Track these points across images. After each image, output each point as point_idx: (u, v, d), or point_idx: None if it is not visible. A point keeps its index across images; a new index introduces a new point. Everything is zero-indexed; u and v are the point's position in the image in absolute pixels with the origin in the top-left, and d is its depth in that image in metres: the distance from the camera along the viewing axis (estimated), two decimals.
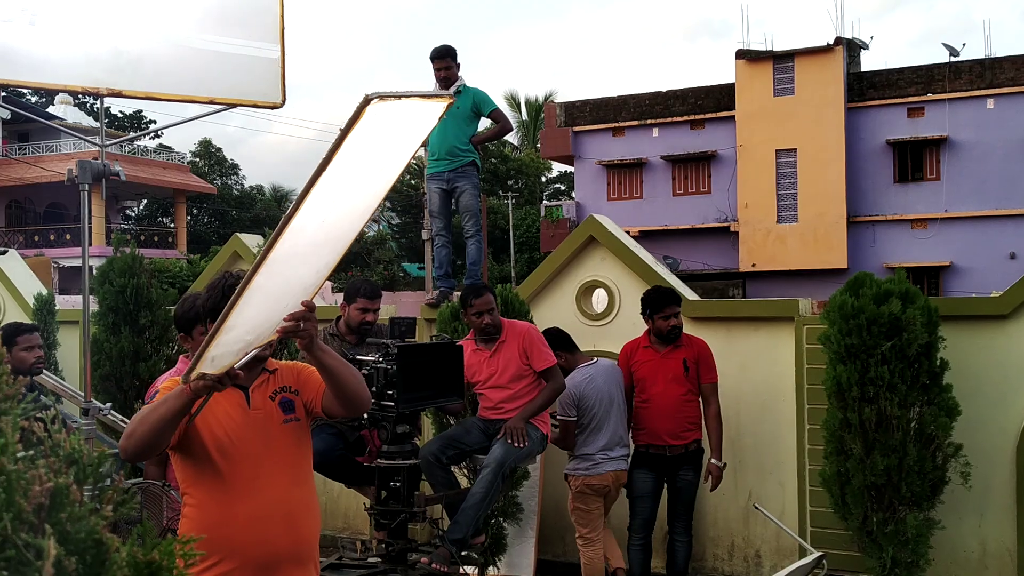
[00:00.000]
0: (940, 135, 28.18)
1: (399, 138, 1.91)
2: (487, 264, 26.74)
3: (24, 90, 38.56)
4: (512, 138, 45.13)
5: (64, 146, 37.64)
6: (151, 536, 0.77)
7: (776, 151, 29.49)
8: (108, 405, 4.32)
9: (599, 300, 6.86)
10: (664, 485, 5.67)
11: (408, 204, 42.91)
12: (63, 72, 3.85)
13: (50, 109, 39.22)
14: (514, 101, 45.32)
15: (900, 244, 28.52)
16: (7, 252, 9.41)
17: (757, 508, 5.59)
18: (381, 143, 1.84)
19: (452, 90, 6.90)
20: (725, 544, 6.33)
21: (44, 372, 4.99)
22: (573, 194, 37.02)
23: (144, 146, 43.12)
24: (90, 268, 4.07)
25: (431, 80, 7.01)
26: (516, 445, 4.94)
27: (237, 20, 4.17)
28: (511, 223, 37.45)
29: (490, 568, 6.02)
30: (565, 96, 57.03)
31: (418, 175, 39.12)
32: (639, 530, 5.63)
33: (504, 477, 5.05)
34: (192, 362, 2.09)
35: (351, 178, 1.85)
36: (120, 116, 48.04)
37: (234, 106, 4.18)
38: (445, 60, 6.87)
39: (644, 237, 27.68)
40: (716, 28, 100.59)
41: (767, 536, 6.17)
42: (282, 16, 4.25)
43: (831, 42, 29.06)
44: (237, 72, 4.11)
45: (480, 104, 6.94)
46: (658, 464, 5.59)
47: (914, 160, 28.97)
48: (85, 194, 3.76)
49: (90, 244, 4.19)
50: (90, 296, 4.20)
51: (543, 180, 47.07)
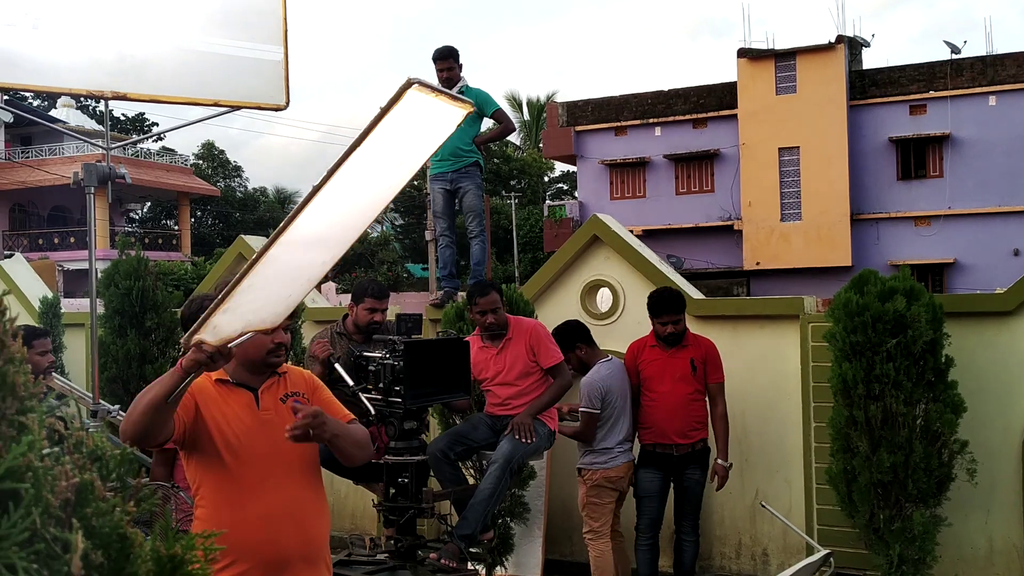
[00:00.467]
0: (943, 132, 28.15)
1: (421, 135, 1.92)
2: (491, 264, 26.76)
3: (27, 93, 38.67)
4: (514, 138, 45.15)
5: (67, 149, 37.71)
6: (172, 532, 0.79)
7: (779, 149, 29.47)
8: (116, 407, 4.33)
9: (603, 299, 6.86)
10: (671, 485, 5.67)
11: (411, 205, 42.94)
12: (67, 75, 3.86)
13: (52, 112, 39.27)
14: (516, 101, 45.34)
15: (904, 241, 28.51)
16: (12, 256, 9.44)
17: (764, 506, 5.59)
18: (406, 135, 1.85)
19: (455, 91, 6.91)
20: (732, 543, 6.33)
21: (54, 374, 5.01)
22: (576, 194, 37.03)
23: (147, 149, 43.19)
24: (96, 272, 4.08)
25: (433, 81, 7.01)
26: (524, 441, 4.94)
27: (240, 22, 4.18)
28: (514, 223, 37.46)
29: (497, 568, 6.02)
30: (567, 96, 57.10)
31: (421, 176, 39.14)
32: (646, 530, 5.63)
33: (512, 473, 5.06)
34: (194, 327, 2.08)
35: (375, 164, 1.85)
36: (123, 119, 48.14)
37: (238, 108, 4.19)
38: (447, 61, 6.88)
39: (647, 236, 27.67)
40: (718, 27, 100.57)
41: (774, 534, 6.17)
42: (285, 18, 4.26)
43: (833, 40, 29.04)
44: (241, 74, 4.12)
45: (482, 105, 6.94)
46: (665, 463, 5.59)
47: (917, 157, 28.94)
48: (90, 197, 3.77)
49: (95, 246, 4.20)
50: (95, 299, 4.21)
51: (546, 180, 47.09)
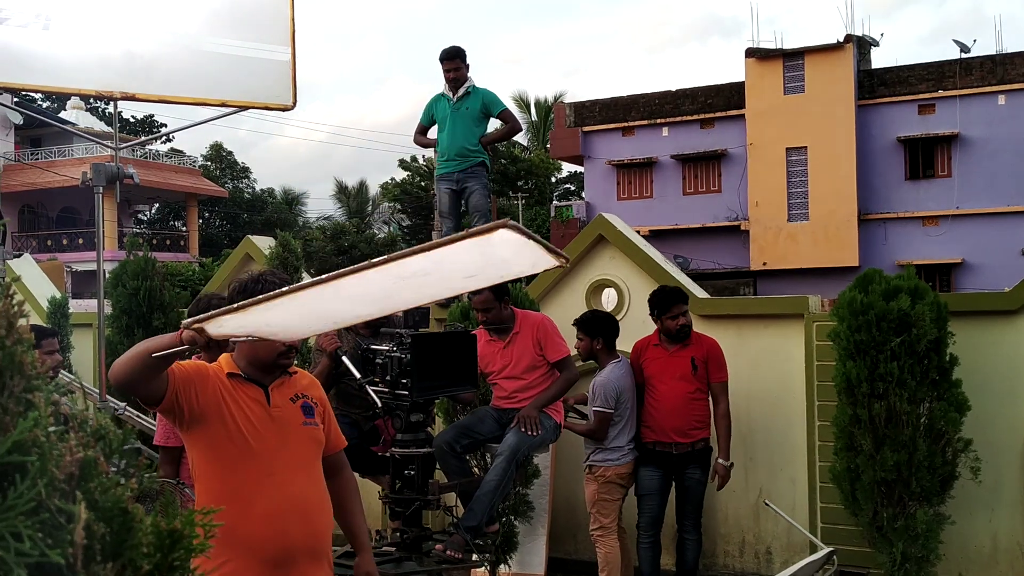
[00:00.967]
0: (951, 132, 28.08)
1: (499, 263, 1.92)
2: None
3: (37, 95, 38.85)
4: (522, 139, 45.14)
5: (76, 151, 37.85)
6: (173, 508, 0.82)
7: (786, 149, 29.43)
8: (123, 405, 4.37)
9: (609, 299, 6.88)
10: (671, 483, 5.69)
11: (418, 206, 43.01)
12: (76, 76, 3.90)
13: (62, 114, 39.43)
14: (524, 102, 45.31)
15: (912, 241, 28.43)
16: (21, 256, 9.50)
17: (767, 505, 5.61)
18: (483, 260, 1.86)
19: (461, 91, 6.95)
20: (736, 541, 6.35)
21: (62, 372, 5.05)
22: (583, 194, 37.02)
23: (156, 150, 43.33)
24: (104, 272, 4.12)
25: (441, 81, 7.05)
26: (530, 433, 4.97)
27: (248, 23, 4.22)
28: (521, 224, 37.44)
29: (501, 566, 6.05)
30: (574, 96, 57.04)
31: (428, 176, 39.20)
32: (648, 528, 5.65)
33: (518, 465, 5.07)
34: (201, 316, 2.04)
35: (439, 271, 1.86)
36: (132, 120, 48.29)
37: (246, 108, 4.23)
38: (454, 61, 6.92)
39: (654, 236, 27.68)
40: (726, 26, 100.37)
41: (778, 532, 6.19)
42: (292, 19, 4.30)
43: (841, 39, 28.99)
44: (248, 75, 4.16)
45: (489, 105, 6.98)
46: (665, 462, 5.60)
47: (925, 157, 28.87)
48: (99, 197, 3.81)
49: (104, 247, 4.24)
50: (103, 299, 4.25)
51: (553, 180, 47.05)
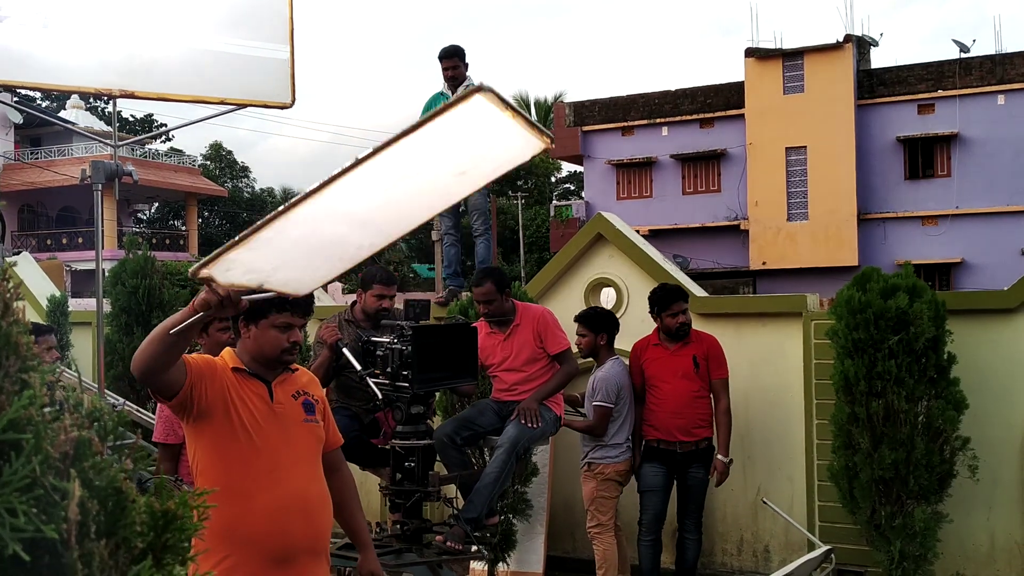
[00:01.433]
0: (951, 131, 28.09)
1: (486, 151, 1.86)
2: (496, 264, 26.79)
3: (36, 94, 38.84)
4: None
5: (76, 150, 37.86)
6: (167, 490, 0.83)
7: (786, 149, 29.45)
8: (122, 400, 4.38)
9: (608, 298, 6.89)
10: (674, 481, 5.68)
11: None
12: (75, 74, 3.91)
13: (62, 114, 39.44)
14: (524, 102, 45.34)
15: (911, 241, 28.45)
16: (20, 254, 9.51)
17: (766, 503, 5.62)
18: (468, 144, 1.81)
19: (460, 90, 6.95)
20: (734, 539, 6.36)
21: (60, 367, 5.05)
22: (583, 194, 37.05)
23: (155, 149, 43.34)
24: (103, 271, 4.13)
25: (440, 79, 7.06)
26: (530, 426, 4.97)
27: (247, 21, 4.23)
28: (521, 223, 37.50)
29: (500, 564, 6.06)
30: (574, 96, 57.10)
31: None
32: (650, 525, 5.64)
33: (518, 457, 5.07)
34: (206, 259, 2.01)
35: (429, 162, 1.81)
36: (131, 120, 48.29)
37: (244, 106, 4.23)
38: (452, 60, 6.92)
39: (654, 236, 27.69)
40: (725, 26, 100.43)
41: (776, 531, 6.19)
42: (291, 18, 4.31)
43: (841, 39, 29.00)
44: (247, 73, 4.17)
45: None
46: (668, 460, 5.61)
47: (925, 157, 28.89)
48: (98, 194, 3.82)
49: (103, 247, 4.25)
50: (103, 297, 4.26)
51: (553, 180, 47.10)
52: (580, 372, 5.66)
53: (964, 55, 29.04)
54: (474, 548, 4.80)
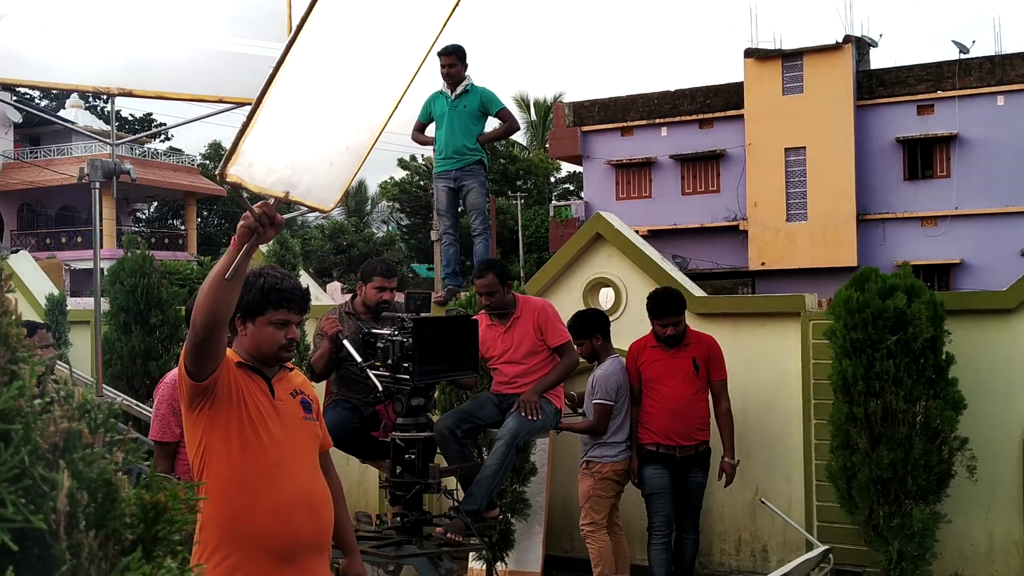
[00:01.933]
0: (950, 132, 28.10)
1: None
2: None
3: (35, 93, 38.80)
4: (521, 138, 45.19)
5: (75, 149, 37.86)
6: (157, 483, 0.83)
7: (785, 149, 29.45)
8: (122, 397, 4.37)
9: (606, 298, 6.89)
10: (675, 479, 5.60)
11: (417, 205, 43.02)
12: (75, 72, 3.91)
13: (61, 113, 39.46)
14: (523, 102, 45.36)
15: (910, 242, 28.45)
16: (19, 253, 9.50)
17: (764, 503, 5.62)
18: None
19: (460, 89, 6.96)
20: (732, 539, 6.36)
21: (58, 363, 5.06)
22: (582, 194, 37.05)
23: (154, 149, 43.32)
24: (101, 270, 4.13)
25: (438, 76, 7.07)
26: (530, 418, 4.97)
27: (246, 20, 4.23)
28: (520, 223, 37.50)
29: (498, 564, 6.06)
30: (574, 96, 57.11)
31: (427, 176, 39.21)
32: (662, 527, 5.55)
33: (518, 450, 5.06)
34: (228, 151, 2.01)
35: (383, 28, 1.90)
36: (130, 119, 48.28)
37: (243, 105, 4.23)
38: (451, 57, 6.92)
39: (653, 236, 27.69)
40: (725, 26, 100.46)
41: (774, 531, 6.19)
42: (290, 16, 4.30)
43: (840, 40, 29.01)
44: (246, 71, 4.17)
45: (487, 103, 6.98)
46: (668, 463, 5.56)
47: (924, 157, 28.90)
48: (96, 192, 3.82)
49: (101, 246, 4.25)
50: (100, 295, 4.26)
51: (552, 180, 47.10)
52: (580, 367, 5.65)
53: (964, 56, 29.07)
54: (474, 540, 4.80)
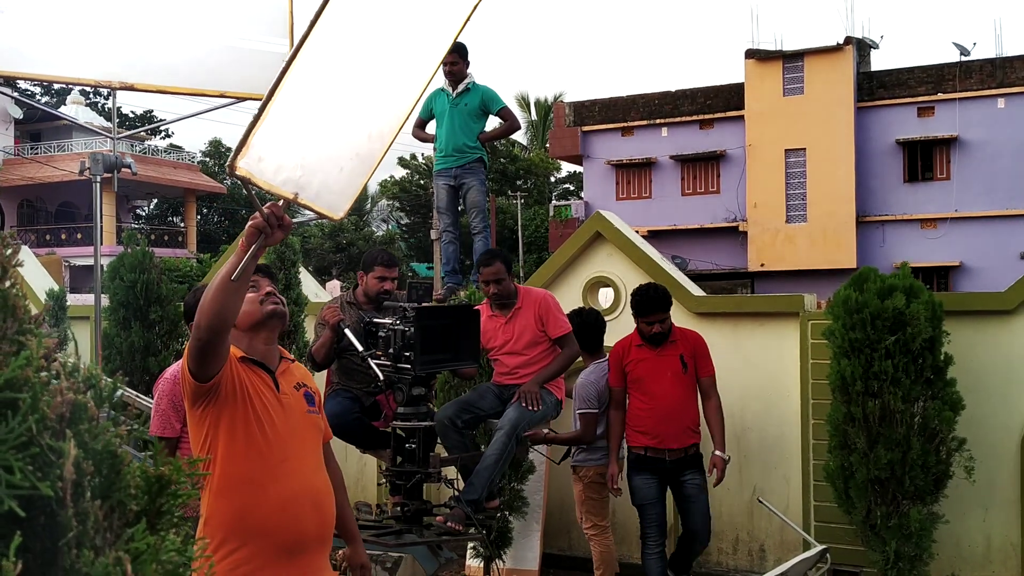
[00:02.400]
0: (950, 135, 28.12)
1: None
2: None
3: (36, 90, 38.81)
4: (521, 138, 45.20)
5: (76, 145, 37.87)
6: (162, 456, 0.84)
7: (785, 151, 29.47)
8: (122, 388, 4.37)
9: (606, 296, 6.90)
10: (666, 488, 5.48)
11: (417, 204, 43.02)
12: (76, 66, 3.91)
13: (61, 109, 39.42)
14: (524, 101, 45.37)
15: (910, 244, 28.46)
16: (19, 247, 9.50)
17: (761, 502, 5.62)
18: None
19: (461, 87, 6.97)
20: (729, 538, 6.36)
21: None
22: (582, 194, 37.05)
23: (154, 146, 43.31)
24: (101, 266, 4.13)
25: (439, 74, 7.07)
26: (530, 409, 4.97)
27: (247, 15, 4.23)
28: (520, 223, 37.51)
29: (496, 562, 6.07)
30: (574, 96, 57.11)
31: (427, 174, 39.21)
32: (656, 537, 5.40)
33: (518, 440, 5.06)
34: (238, 144, 2.03)
35: (401, 34, 1.95)
36: (131, 116, 48.27)
37: (243, 100, 4.24)
38: (452, 55, 6.92)
39: (653, 237, 27.70)
40: (726, 27, 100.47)
41: (771, 530, 6.20)
42: (291, 11, 4.31)
43: (841, 41, 29.02)
44: (247, 66, 4.18)
45: (488, 102, 6.99)
46: (657, 468, 5.38)
47: (924, 160, 28.91)
48: (97, 187, 3.82)
49: (101, 241, 4.25)
50: (100, 291, 4.27)
51: (552, 180, 47.10)
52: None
53: (964, 58, 29.07)
54: (474, 530, 4.80)
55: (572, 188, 46.74)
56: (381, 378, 4.57)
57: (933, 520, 5.20)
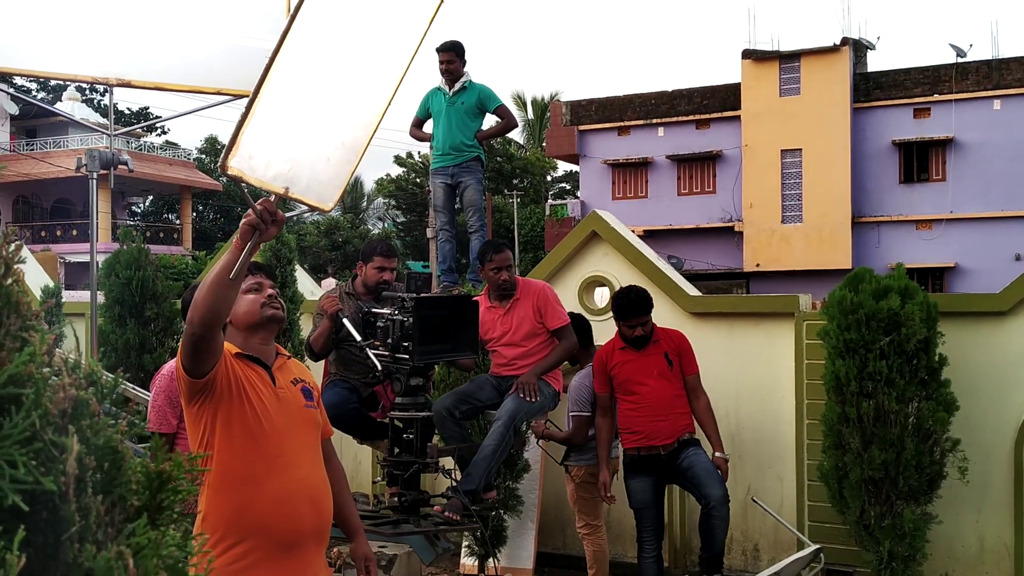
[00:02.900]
0: (946, 136, 28.17)
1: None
2: None
3: (32, 86, 38.73)
4: (517, 137, 45.19)
5: (72, 142, 37.81)
6: (163, 451, 0.84)
7: (781, 151, 29.50)
8: (121, 382, 4.36)
9: (601, 296, 6.90)
10: (664, 488, 5.45)
11: (413, 202, 43.00)
12: (73, 63, 3.91)
13: (57, 106, 39.34)
14: (521, 100, 45.35)
15: (905, 245, 28.51)
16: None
17: (755, 502, 5.63)
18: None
19: (458, 86, 6.96)
20: None
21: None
22: (578, 193, 37.07)
23: (150, 143, 43.25)
24: (97, 264, 4.13)
25: (436, 72, 7.07)
26: (528, 400, 4.96)
27: (243, 12, 4.23)
28: (516, 222, 37.51)
29: (490, 560, 6.07)
30: (571, 95, 57.09)
31: (423, 173, 39.19)
32: (652, 540, 5.35)
33: (515, 431, 5.06)
34: (228, 143, 2.05)
35: (374, 27, 2.00)
36: (127, 113, 48.17)
37: (240, 97, 4.24)
38: (449, 53, 6.92)
39: (649, 236, 27.71)
40: (722, 27, 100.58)
41: (765, 530, 6.21)
42: (289, 7, 4.31)
43: (838, 42, 29.06)
44: (243, 64, 4.18)
45: (485, 100, 6.98)
46: (653, 466, 5.31)
47: (920, 161, 28.97)
48: (93, 183, 3.82)
49: (97, 238, 4.25)
50: (96, 288, 4.26)
51: (548, 179, 47.11)
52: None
53: (961, 60, 29.14)
54: (471, 520, 4.80)
55: (568, 187, 46.76)
56: (379, 368, 4.56)
57: (927, 520, 5.22)
